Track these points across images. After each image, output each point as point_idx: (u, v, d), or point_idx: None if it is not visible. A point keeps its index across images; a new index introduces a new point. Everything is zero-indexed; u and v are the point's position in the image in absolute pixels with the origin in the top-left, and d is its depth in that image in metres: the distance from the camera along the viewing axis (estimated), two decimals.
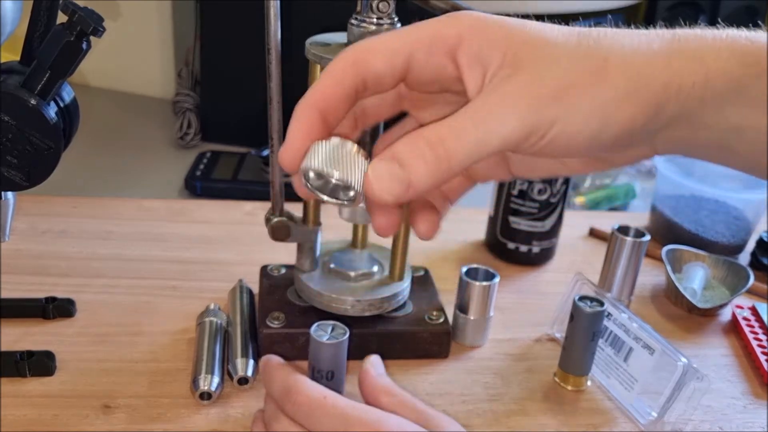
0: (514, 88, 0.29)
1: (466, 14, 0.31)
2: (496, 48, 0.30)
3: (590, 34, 0.31)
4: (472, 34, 0.31)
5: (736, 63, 0.31)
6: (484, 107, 0.30)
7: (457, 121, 0.30)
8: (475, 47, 0.31)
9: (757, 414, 0.56)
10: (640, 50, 0.30)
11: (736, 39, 0.31)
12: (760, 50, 0.31)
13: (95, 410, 0.50)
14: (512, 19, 0.31)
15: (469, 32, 0.31)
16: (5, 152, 0.46)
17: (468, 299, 0.59)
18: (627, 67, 0.30)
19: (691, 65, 0.30)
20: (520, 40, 0.30)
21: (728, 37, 0.32)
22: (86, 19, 0.45)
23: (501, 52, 0.30)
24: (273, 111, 0.53)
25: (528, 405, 0.54)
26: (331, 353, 0.44)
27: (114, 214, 0.77)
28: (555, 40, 0.31)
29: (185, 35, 1.06)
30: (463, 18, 0.31)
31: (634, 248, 0.64)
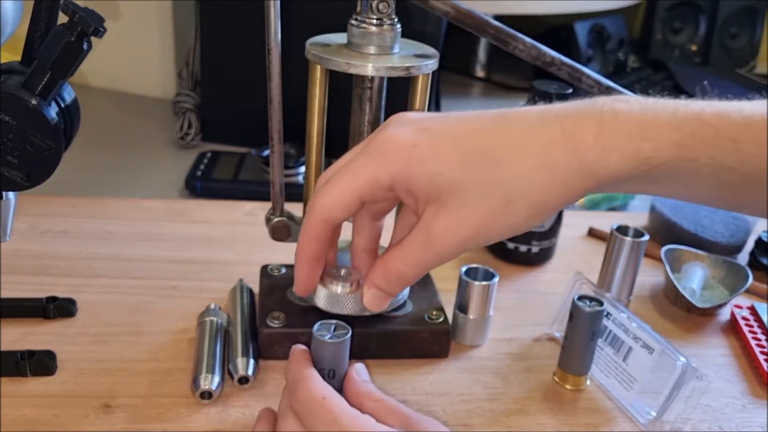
0: (441, 228, 0.37)
1: (401, 151, 0.37)
2: (422, 190, 0.37)
3: (493, 170, 0.36)
4: (402, 177, 0.37)
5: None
6: (425, 239, 0.38)
7: (409, 252, 0.38)
8: (404, 187, 0.37)
9: (756, 413, 0.56)
10: (537, 182, 0.35)
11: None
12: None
13: (95, 410, 0.50)
14: (436, 156, 0.37)
15: (400, 175, 0.37)
16: (6, 152, 0.47)
17: (467, 299, 0.59)
18: (529, 201, 0.36)
19: (586, 182, 0.36)
20: (439, 183, 0.36)
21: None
22: (87, 20, 0.45)
23: (425, 193, 0.37)
24: (273, 111, 0.53)
25: (527, 404, 0.55)
26: (332, 352, 0.44)
27: (114, 214, 0.77)
28: (467, 181, 0.36)
29: (186, 36, 1.06)
30: (397, 157, 0.37)
31: (633, 248, 0.64)
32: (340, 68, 0.49)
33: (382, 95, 0.54)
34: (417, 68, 0.50)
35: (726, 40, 1.52)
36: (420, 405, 0.53)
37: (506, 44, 0.53)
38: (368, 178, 0.37)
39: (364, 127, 0.54)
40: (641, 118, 0.35)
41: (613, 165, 0.35)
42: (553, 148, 0.35)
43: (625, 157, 0.35)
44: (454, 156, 0.36)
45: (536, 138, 0.35)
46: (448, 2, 0.51)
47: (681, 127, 0.34)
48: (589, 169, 0.35)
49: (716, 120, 0.34)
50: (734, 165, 0.35)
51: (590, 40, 1.33)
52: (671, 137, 0.34)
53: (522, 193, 0.35)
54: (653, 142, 0.34)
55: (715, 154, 0.34)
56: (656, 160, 0.35)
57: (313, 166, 0.55)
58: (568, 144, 0.35)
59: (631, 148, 0.34)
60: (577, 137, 0.35)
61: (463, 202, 0.36)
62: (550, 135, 0.35)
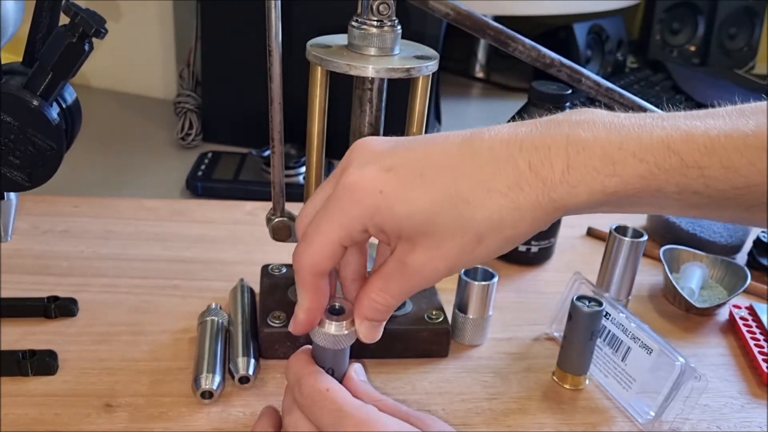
0: (417, 263, 0.38)
1: (368, 198, 0.37)
2: (393, 231, 0.38)
3: (463, 212, 0.36)
4: (373, 222, 0.37)
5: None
6: (404, 271, 0.39)
7: (390, 283, 0.40)
8: (376, 230, 0.38)
9: (754, 413, 0.56)
10: (507, 221, 0.36)
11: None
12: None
13: (97, 409, 0.50)
14: (404, 201, 0.37)
15: (371, 221, 0.37)
16: (7, 153, 0.47)
17: (467, 299, 0.59)
18: (500, 238, 0.36)
19: (554, 214, 0.36)
20: (409, 225, 0.37)
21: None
22: (88, 21, 0.45)
23: (396, 233, 0.38)
24: (274, 112, 0.53)
25: (526, 404, 0.55)
26: (332, 351, 0.44)
27: (115, 213, 0.77)
28: (438, 224, 0.36)
29: (186, 36, 1.06)
30: (365, 204, 0.37)
31: (632, 248, 0.64)
32: (341, 70, 0.49)
33: (383, 96, 0.54)
34: (417, 70, 0.50)
35: (725, 41, 1.52)
36: (420, 404, 0.54)
37: (506, 46, 0.53)
38: (342, 227, 0.38)
39: (365, 128, 0.55)
40: (607, 152, 0.35)
41: (582, 200, 0.35)
42: (520, 186, 0.35)
43: (592, 192, 0.35)
44: (423, 199, 0.36)
45: (504, 175, 0.35)
46: (448, 3, 0.51)
47: (646, 158, 0.34)
48: (557, 204, 0.35)
49: (682, 145, 0.34)
50: (700, 189, 0.35)
51: (589, 41, 1.33)
52: (636, 170, 0.34)
53: (493, 232, 0.36)
54: (619, 177, 0.35)
55: (679, 181, 0.35)
56: (622, 192, 0.35)
57: (314, 167, 0.55)
58: (536, 181, 0.35)
59: (598, 185, 0.35)
60: (545, 173, 0.35)
61: (436, 242, 0.37)
62: (517, 171, 0.35)
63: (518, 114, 0.73)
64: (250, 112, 0.95)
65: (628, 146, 0.35)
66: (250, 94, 0.93)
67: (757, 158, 0.34)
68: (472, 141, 0.37)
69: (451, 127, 1.12)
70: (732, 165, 0.34)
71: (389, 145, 0.39)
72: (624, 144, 0.35)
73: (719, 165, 0.34)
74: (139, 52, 1.11)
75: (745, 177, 0.34)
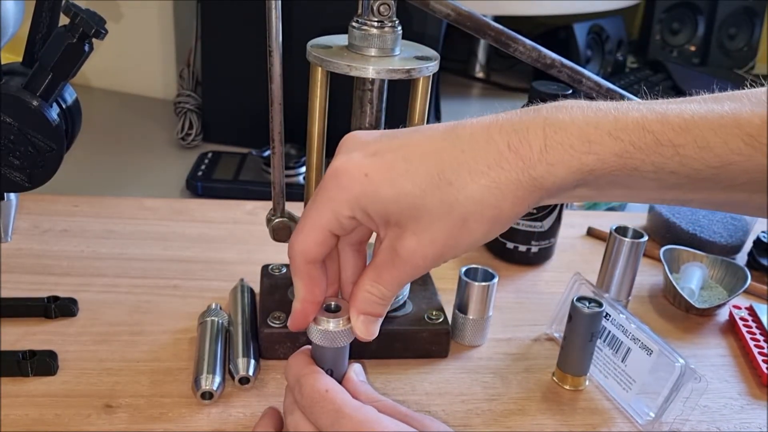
0: (407, 250, 0.38)
1: (353, 182, 0.38)
2: (380, 215, 0.38)
3: (447, 192, 0.37)
4: (359, 206, 0.38)
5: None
6: (394, 260, 0.39)
7: (382, 272, 0.40)
8: (364, 215, 0.38)
9: (754, 414, 0.56)
10: (490, 200, 0.36)
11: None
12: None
13: (97, 410, 0.50)
14: (389, 182, 0.37)
15: (357, 205, 0.38)
16: (7, 154, 0.47)
17: (467, 299, 0.59)
18: (484, 219, 0.37)
19: (535, 194, 0.37)
20: (396, 209, 0.37)
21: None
22: (88, 22, 0.45)
23: (384, 218, 0.38)
24: (274, 113, 0.53)
25: (526, 405, 0.55)
26: (332, 351, 0.45)
27: (115, 213, 0.77)
28: (424, 205, 0.37)
29: (186, 36, 1.06)
30: (350, 188, 0.38)
31: (632, 249, 0.64)
32: (342, 71, 0.49)
33: (383, 97, 0.54)
34: (418, 71, 0.50)
35: (724, 41, 1.52)
36: (420, 405, 0.54)
37: (507, 46, 0.53)
38: (329, 212, 0.39)
39: (365, 128, 0.54)
40: (583, 131, 0.36)
41: (560, 178, 0.36)
42: (501, 165, 0.36)
43: (570, 170, 0.36)
44: (407, 181, 0.37)
45: (485, 156, 0.36)
46: (449, 4, 0.51)
47: (621, 137, 0.35)
48: (537, 183, 0.36)
49: (657, 125, 0.35)
50: (676, 168, 0.36)
51: (589, 41, 1.33)
52: (612, 148, 0.35)
53: (477, 212, 0.37)
54: (596, 155, 0.35)
55: (655, 160, 0.35)
56: (600, 170, 0.36)
57: (314, 168, 0.55)
58: (515, 160, 0.36)
59: (575, 162, 0.36)
60: (523, 152, 0.36)
61: (423, 226, 0.37)
62: (497, 152, 0.36)
63: None
64: (250, 112, 0.95)
65: (604, 126, 0.36)
66: (250, 94, 0.93)
67: (731, 137, 0.35)
68: (455, 128, 0.38)
69: None
70: (706, 144, 0.35)
71: (375, 135, 0.40)
72: (600, 124, 0.36)
73: (693, 144, 0.35)
74: (139, 52, 1.11)
75: (719, 156, 0.35)
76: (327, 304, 0.44)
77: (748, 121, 0.35)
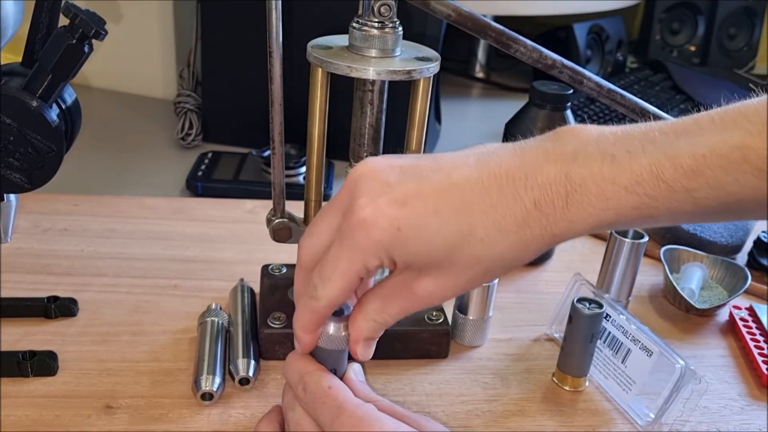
0: (425, 291, 0.40)
1: (385, 236, 0.38)
2: (405, 263, 0.39)
3: (476, 249, 0.38)
4: (389, 257, 0.39)
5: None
6: (408, 296, 0.40)
7: (392, 304, 0.41)
8: (389, 260, 0.39)
9: (754, 415, 0.56)
10: (514, 256, 0.38)
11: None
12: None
13: (97, 411, 0.50)
14: (422, 239, 0.38)
15: (387, 256, 0.38)
16: (7, 155, 0.47)
17: (467, 300, 0.59)
18: (504, 269, 0.39)
19: (551, 244, 0.39)
20: (423, 261, 0.38)
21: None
22: (88, 23, 0.45)
23: (409, 264, 0.39)
24: (275, 113, 0.53)
25: (526, 405, 0.55)
26: (331, 353, 0.44)
27: (115, 212, 0.77)
28: (452, 260, 0.38)
29: (186, 36, 1.06)
30: (382, 243, 0.38)
31: (633, 249, 0.64)
32: (342, 72, 0.49)
33: (384, 98, 0.54)
34: (419, 72, 0.50)
35: (724, 41, 1.52)
36: (420, 406, 0.54)
37: (508, 47, 0.53)
38: (359, 263, 0.39)
39: (365, 129, 0.54)
40: (601, 189, 0.37)
41: (579, 232, 0.38)
42: (528, 224, 0.37)
43: (589, 225, 0.37)
44: (439, 237, 0.38)
45: (513, 214, 0.37)
46: (450, 5, 0.51)
47: (637, 191, 0.36)
48: (557, 238, 0.38)
49: (670, 172, 0.36)
50: (690, 209, 0.37)
51: (589, 41, 1.33)
52: (629, 203, 0.37)
53: (501, 264, 0.39)
54: (614, 211, 0.37)
55: (670, 206, 0.36)
56: (617, 222, 0.38)
57: (314, 168, 0.55)
58: (540, 218, 0.37)
59: (594, 219, 0.37)
60: (547, 210, 0.37)
61: (446, 274, 0.39)
62: (524, 210, 0.37)
63: (519, 114, 0.73)
64: (250, 112, 0.95)
65: (620, 180, 0.36)
66: (250, 95, 0.93)
67: (741, 174, 0.35)
68: (481, 173, 0.38)
69: (451, 127, 1.12)
70: (719, 184, 0.35)
71: (397, 173, 0.39)
72: (616, 178, 0.36)
73: (706, 186, 0.35)
74: (139, 52, 1.11)
75: (732, 194, 0.35)
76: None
77: (756, 154, 0.34)
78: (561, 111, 0.70)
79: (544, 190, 0.37)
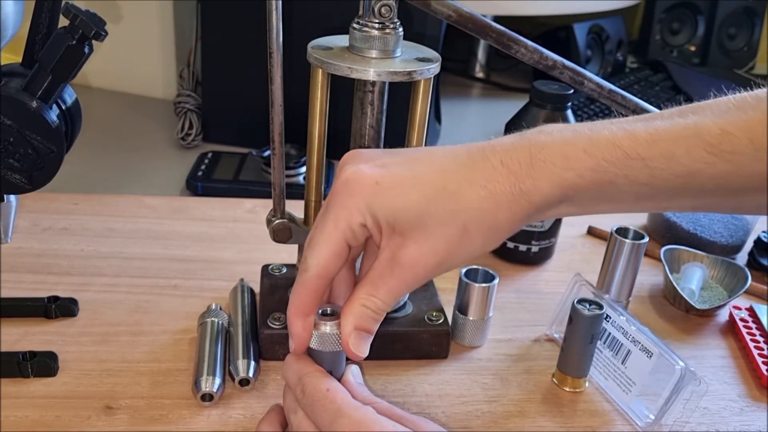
0: (409, 258, 0.40)
1: (365, 188, 0.40)
2: (387, 222, 0.40)
3: (450, 202, 0.40)
4: (370, 210, 0.40)
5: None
6: (394, 268, 0.41)
7: (380, 283, 0.41)
8: (372, 221, 0.40)
9: (754, 416, 0.56)
10: (487, 210, 0.40)
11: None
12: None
13: (97, 411, 0.50)
14: (398, 191, 0.40)
15: (368, 209, 0.40)
16: (7, 155, 0.47)
17: (467, 300, 0.59)
18: (482, 228, 0.40)
19: (526, 208, 0.40)
20: (403, 216, 0.40)
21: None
22: (88, 23, 0.45)
23: (390, 225, 0.40)
24: (275, 114, 0.53)
25: (526, 406, 0.55)
26: (329, 354, 0.44)
27: (115, 211, 0.77)
28: (429, 213, 0.40)
29: (186, 36, 1.06)
30: (363, 193, 0.40)
31: (633, 250, 0.64)
32: (342, 72, 0.49)
33: (384, 98, 0.54)
34: (419, 72, 0.50)
35: (724, 41, 1.52)
36: (419, 406, 0.54)
37: (508, 48, 0.53)
38: (343, 221, 0.40)
39: (366, 130, 0.54)
40: (562, 150, 0.40)
41: (545, 192, 0.40)
42: (495, 179, 0.40)
43: (553, 185, 0.39)
44: (414, 191, 0.40)
45: (482, 172, 0.40)
46: (450, 5, 0.51)
47: (594, 153, 0.39)
48: (527, 197, 0.40)
49: (626, 141, 0.39)
50: (647, 180, 0.39)
51: (589, 41, 1.33)
52: (587, 163, 0.39)
53: (476, 221, 0.40)
54: (574, 171, 0.39)
55: (627, 173, 0.39)
56: (579, 186, 0.39)
57: (315, 169, 0.55)
58: (507, 175, 0.40)
59: (557, 178, 0.39)
60: (514, 168, 0.40)
61: (426, 234, 0.40)
62: (492, 168, 0.40)
63: (519, 114, 0.72)
64: (250, 112, 0.94)
65: (579, 144, 0.40)
66: (250, 95, 0.93)
67: (693, 147, 0.38)
68: (454, 149, 0.42)
69: (451, 127, 1.12)
70: (672, 155, 0.38)
71: (378, 152, 0.44)
72: (576, 142, 0.40)
73: (660, 156, 0.38)
74: (139, 52, 1.11)
75: (685, 165, 0.38)
76: (323, 309, 0.44)
77: (708, 131, 0.38)
78: (561, 111, 0.70)
79: (510, 152, 0.40)
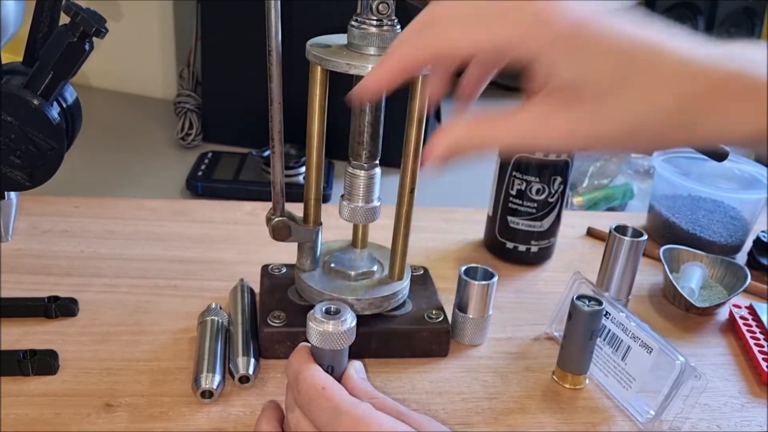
0: (569, 120, 0.35)
1: (554, 21, 0.34)
2: (566, 70, 0.34)
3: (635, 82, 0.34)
4: (552, 51, 0.34)
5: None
6: (543, 120, 0.36)
7: (516, 125, 0.37)
8: (547, 65, 0.35)
9: (754, 412, 0.56)
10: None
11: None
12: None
13: (97, 409, 0.50)
14: (597, 36, 0.34)
15: (550, 49, 0.34)
16: (8, 152, 0.47)
17: (467, 298, 0.60)
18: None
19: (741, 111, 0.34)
20: (595, 76, 0.34)
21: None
22: (89, 21, 0.45)
23: (565, 78, 0.34)
24: (274, 112, 0.53)
25: (526, 403, 0.55)
26: (331, 351, 0.45)
27: (115, 213, 0.77)
28: (609, 91, 0.34)
29: (186, 36, 1.06)
30: (550, 28, 0.34)
31: (632, 248, 0.64)
32: (341, 69, 0.49)
33: (383, 96, 0.54)
34: None
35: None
36: (420, 404, 0.54)
37: None
38: (514, 37, 0.35)
39: (364, 127, 0.55)
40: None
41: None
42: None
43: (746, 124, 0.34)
44: (606, 62, 0.34)
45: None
46: None
47: None
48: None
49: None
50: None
51: None
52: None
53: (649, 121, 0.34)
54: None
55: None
56: None
57: (314, 167, 0.56)
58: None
59: (755, 125, 0.34)
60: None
61: (597, 109, 0.35)
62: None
63: None
64: (250, 112, 0.95)
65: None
66: (250, 94, 0.93)
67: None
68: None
69: None
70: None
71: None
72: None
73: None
74: (139, 52, 1.11)
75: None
76: (326, 307, 0.44)
77: None
78: None
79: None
